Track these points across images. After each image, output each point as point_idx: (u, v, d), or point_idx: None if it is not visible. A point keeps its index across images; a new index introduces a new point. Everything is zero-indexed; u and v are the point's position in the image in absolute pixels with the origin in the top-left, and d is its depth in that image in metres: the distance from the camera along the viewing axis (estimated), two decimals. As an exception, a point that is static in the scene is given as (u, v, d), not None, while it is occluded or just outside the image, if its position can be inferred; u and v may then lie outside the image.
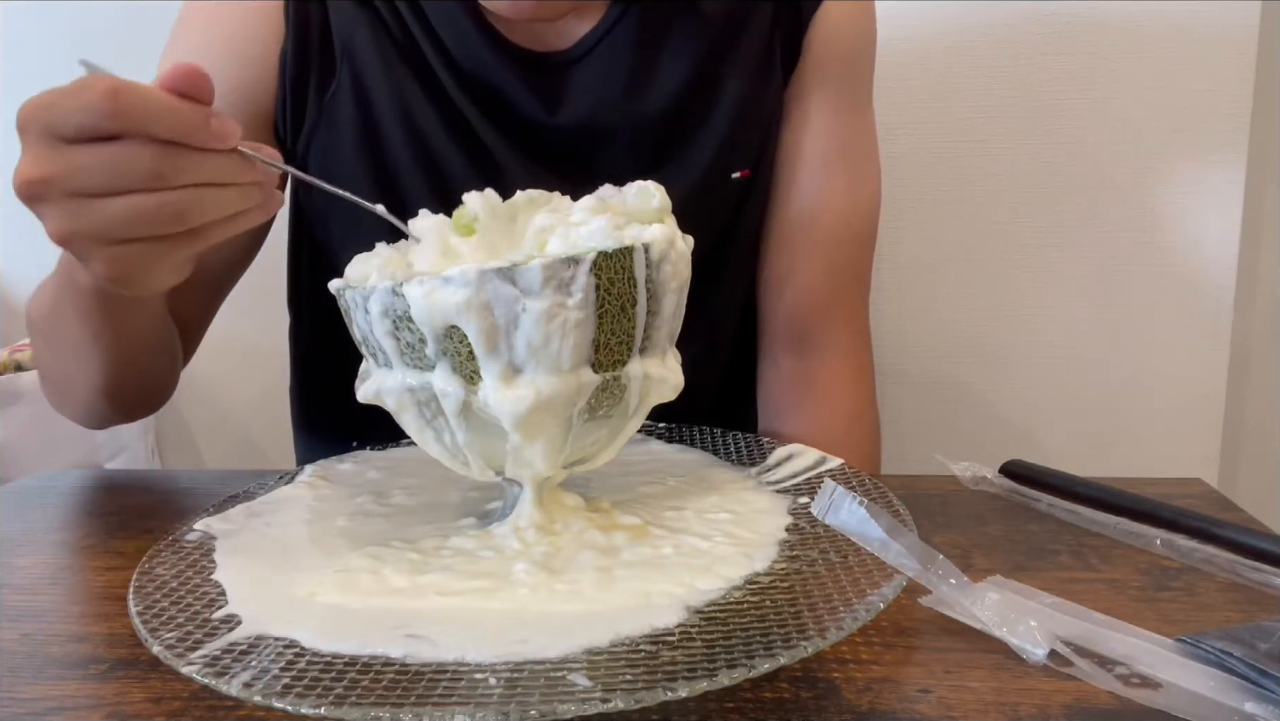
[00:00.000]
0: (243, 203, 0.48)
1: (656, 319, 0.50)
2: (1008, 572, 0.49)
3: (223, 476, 0.75)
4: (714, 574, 0.46)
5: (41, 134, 0.45)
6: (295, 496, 0.60)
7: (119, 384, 0.69)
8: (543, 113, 0.73)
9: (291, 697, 0.37)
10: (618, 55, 0.73)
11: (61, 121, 0.44)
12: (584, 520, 0.53)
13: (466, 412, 0.49)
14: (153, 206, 0.45)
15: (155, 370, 0.73)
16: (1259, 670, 0.40)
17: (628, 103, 0.73)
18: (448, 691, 0.37)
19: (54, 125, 0.44)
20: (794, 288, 0.79)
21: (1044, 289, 1.17)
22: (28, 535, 0.63)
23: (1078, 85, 1.12)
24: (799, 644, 0.39)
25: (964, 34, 1.12)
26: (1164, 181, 1.13)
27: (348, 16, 0.73)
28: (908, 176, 1.14)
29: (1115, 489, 0.60)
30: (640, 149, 0.74)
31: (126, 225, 0.46)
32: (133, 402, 0.74)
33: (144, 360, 0.70)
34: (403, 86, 0.72)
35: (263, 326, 0.86)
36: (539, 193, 0.55)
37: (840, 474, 0.58)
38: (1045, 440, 1.20)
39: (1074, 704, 0.40)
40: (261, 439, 1.35)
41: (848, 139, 0.79)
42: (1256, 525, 0.57)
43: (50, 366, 0.72)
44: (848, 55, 0.78)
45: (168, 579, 0.49)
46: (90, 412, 0.73)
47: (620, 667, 0.39)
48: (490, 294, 0.45)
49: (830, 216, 0.78)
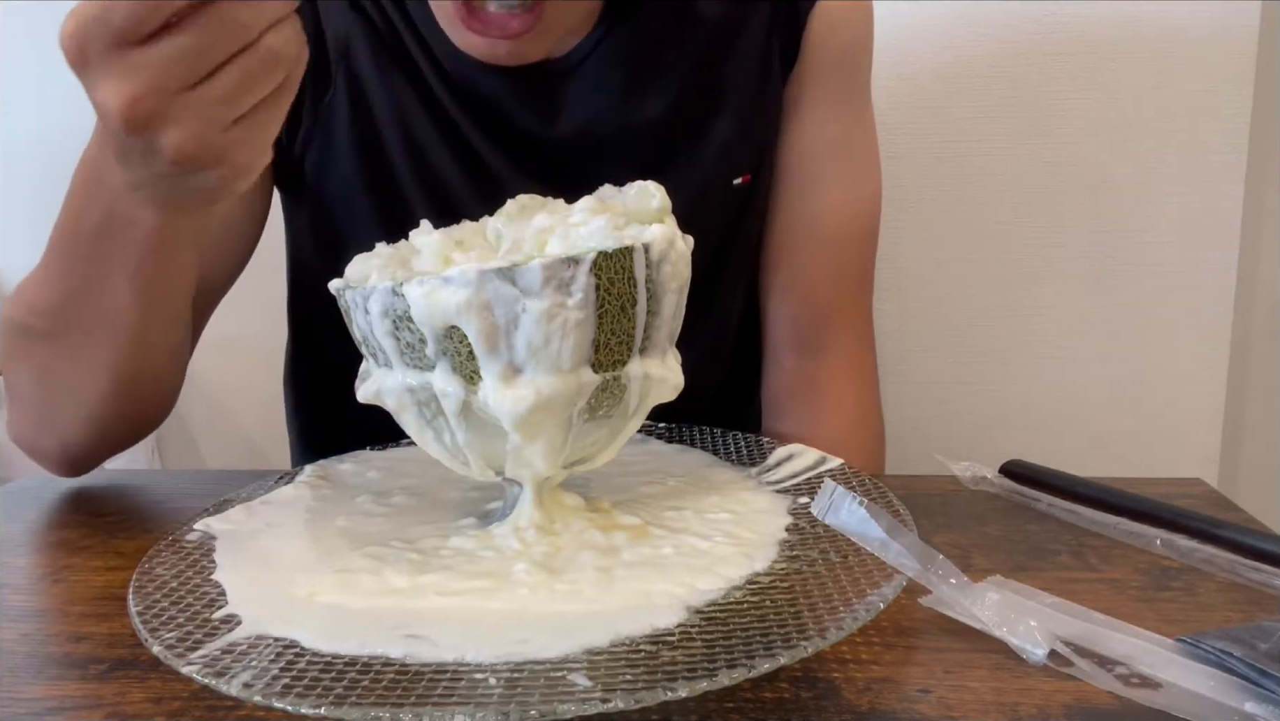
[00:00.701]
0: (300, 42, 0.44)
1: (656, 319, 0.50)
2: (1008, 572, 0.49)
3: (223, 476, 0.75)
4: (714, 574, 0.46)
5: (108, 52, 0.41)
6: (295, 496, 0.60)
7: (137, 372, 0.64)
8: (538, 124, 0.72)
9: (291, 697, 0.37)
10: (613, 64, 0.72)
11: (122, 27, 0.40)
12: (584, 520, 0.53)
13: (466, 412, 0.49)
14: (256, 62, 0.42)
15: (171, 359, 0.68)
16: (1259, 670, 0.40)
17: (624, 112, 0.72)
18: (448, 691, 0.37)
19: (118, 33, 0.40)
20: (797, 289, 0.79)
21: (1044, 289, 1.17)
22: (28, 535, 0.63)
23: (1077, 85, 1.12)
24: (799, 644, 0.39)
25: (964, 34, 1.12)
26: (1164, 181, 1.13)
27: (340, 19, 0.72)
28: (908, 176, 1.14)
29: (1115, 489, 0.60)
30: (638, 158, 0.73)
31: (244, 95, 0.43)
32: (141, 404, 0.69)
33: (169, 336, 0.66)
34: (399, 94, 0.72)
35: (263, 326, 0.86)
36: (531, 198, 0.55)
37: (840, 474, 0.58)
38: (1045, 440, 1.20)
39: (1074, 704, 0.40)
40: (261, 439, 1.35)
41: (848, 137, 0.79)
42: (1256, 525, 0.57)
43: (46, 372, 0.65)
44: (845, 53, 0.78)
45: (168, 579, 0.49)
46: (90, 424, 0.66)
47: (620, 667, 0.39)
48: (490, 294, 0.45)
49: (832, 216, 0.78)
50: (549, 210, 0.53)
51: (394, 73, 0.72)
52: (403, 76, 0.72)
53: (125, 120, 0.42)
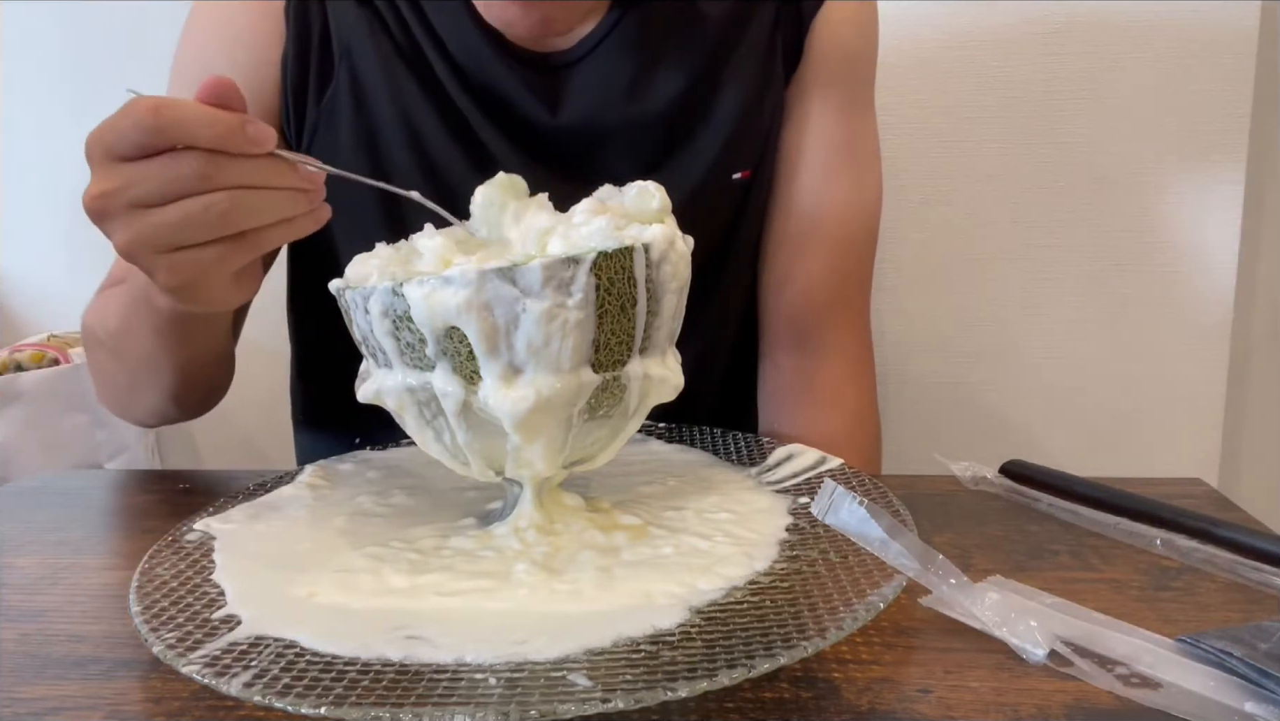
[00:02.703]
0: (288, 208, 0.51)
1: (656, 319, 0.50)
2: (1008, 572, 0.49)
3: (223, 476, 0.75)
4: (714, 574, 0.46)
5: (104, 157, 0.49)
6: (295, 496, 0.60)
7: (187, 390, 0.74)
8: (543, 114, 0.73)
9: (291, 698, 0.37)
10: (618, 56, 0.73)
11: (115, 141, 0.48)
12: (584, 520, 0.53)
13: (466, 413, 0.49)
14: (200, 208, 0.48)
15: (219, 375, 0.78)
16: (1259, 670, 0.40)
17: (628, 104, 0.73)
18: (448, 691, 0.37)
19: (111, 146, 0.49)
20: (795, 289, 0.79)
21: (1044, 289, 1.17)
22: (28, 535, 0.63)
23: (1077, 85, 1.12)
24: (799, 644, 0.39)
25: (964, 34, 1.12)
26: (1164, 181, 1.13)
27: (348, 17, 0.73)
28: (908, 177, 1.14)
29: (1115, 489, 0.60)
30: (641, 150, 0.73)
31: (180, 228, 0.49)
32: (196, 405, 0.79)
33: (210, 369, 0.75)
34: (402, 88, 0.72)
35: (263, 326, 0.86)
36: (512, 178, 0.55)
37: (840, 474, 0.58)
38: (1045, 440, 1.20)
39: (1074, 704, 0.40)
40: (261, 439, 1.35)
41: (849, 139, 0.79)
42: (1256, 525, 0.57)
43: (117, 376, 0.76)
44: (849, 55, 0.78)
45: (168, 579, 0.49)
46: (157, 416, 0.79)
47: (620, 667, 0.39)
48: (490, 294, 0.45)
49: (832, 217, 0.78)
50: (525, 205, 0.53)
51: (398, 65, 0.72)
52: (407, 69, 0.72)
53: (86, 209, 0.50)
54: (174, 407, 0.76)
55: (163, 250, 0.50)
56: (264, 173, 0.50)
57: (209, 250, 0.50)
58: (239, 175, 0.49)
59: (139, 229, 0.49)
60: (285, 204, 0.51)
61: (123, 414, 0.81)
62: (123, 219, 0.50)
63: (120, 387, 0.77)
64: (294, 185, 0.51)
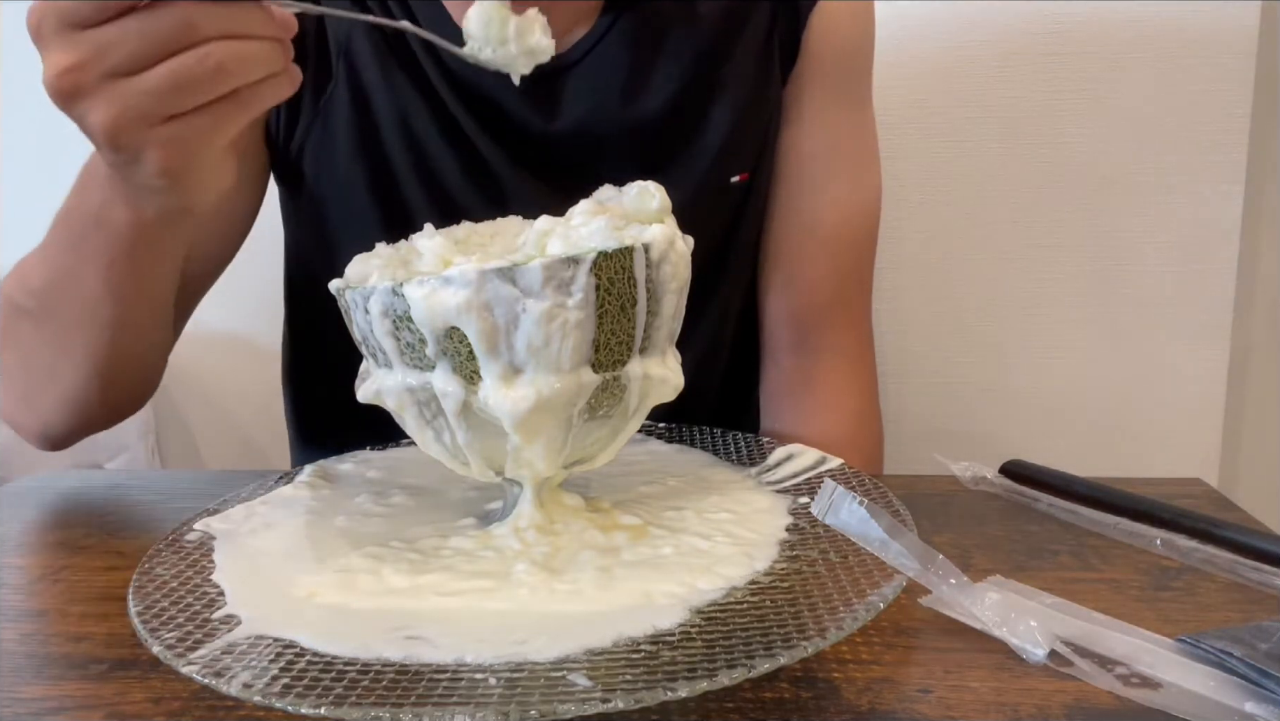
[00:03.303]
0: (274, 60, 0.46)
1: (656, 319, 0.50)
2: (1008, 572, 0.49)
3: (223, 476, 0.75)
4: (714, 574, 0.46)
5: (59, 29, 0.43)
6: (295, 496, 0.60)
7: (118, 363, 0.66)
8: (538, 120, 0.72)
9: (291, 698, 0.37)
10: (613, 60, 0.72)
11: (72, 9, 0.42)
12: (584, 520, 0.53)
13: (466, 413, 0.48)
14: (193, 63, 0.43)
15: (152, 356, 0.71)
16: (1259, 670, 0.40)
17: (624, 108, 0.72)
18: (448, 691, 0.37)
19: (67, 14, 0.43)
20: (796, 289, 0.79)
21: (1044, 288, 1.17)
22: (28, 535, 0.63)
23: (1077, 85, 1.12)
24: (799, 644, 0.39)
25: (964, 33, 1.12)
26: (1164, 182, 1.13)
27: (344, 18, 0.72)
28: (908, 176, 1.14)
29: (1115, 489, 0.60)
30: (638, 154, 0.73)
31: (173, 93, 0.44)
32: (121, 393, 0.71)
33: (149, 335, 0.68)
34: (400, 91, 0.72)
35: (263, 326, 0.86)
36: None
37: (840, 474, 0.58)
38: (1045, 440, 1.20)
39: (1074, 704, 0.40)
40: (261, 439, 1.35)
41: (848, 138, 0.79)
42: (1256, 525, 0.57)
43: (35, 353, 0.67)
44: (846, 54, 0.78)
45: (168, 579, 0.49)
46: (71, 407, 0.68)
47: (620, 667, 0.39)
48: (490, 294, 0.45)
49: (831, 217, 0.78)
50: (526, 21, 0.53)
51: (396, 69, 0.72)
52: (405, 73, 0.72)
53: (53, 91, 0.44)
54: (95, 391, 0.67)
55: (155, 122, 0.44)
56: (245, 19, 0.44)
57: (203, 115, 0.45)
58: (226, 20, 0.43)
59: (124, 101, 0.43)
60: (271, 55, 0.46)
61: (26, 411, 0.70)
62: (102, 93, 0.43)
63: (35, 369, 0.68)
64: (273, 34, 0.46)
